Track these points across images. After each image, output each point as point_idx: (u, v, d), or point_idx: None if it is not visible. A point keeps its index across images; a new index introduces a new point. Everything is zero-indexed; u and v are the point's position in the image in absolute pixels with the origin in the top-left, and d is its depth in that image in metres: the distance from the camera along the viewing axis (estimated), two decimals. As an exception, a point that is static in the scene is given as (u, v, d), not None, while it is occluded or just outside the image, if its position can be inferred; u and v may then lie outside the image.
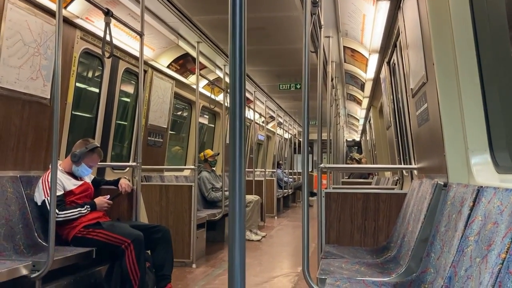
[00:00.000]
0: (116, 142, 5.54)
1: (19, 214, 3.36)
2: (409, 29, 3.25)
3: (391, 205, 3.53)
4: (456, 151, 2.38)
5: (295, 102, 10.91)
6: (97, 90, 4.98)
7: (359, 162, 10.05)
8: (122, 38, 4.73)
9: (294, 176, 14.94)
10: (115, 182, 4.02)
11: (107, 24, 3.54)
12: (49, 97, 3.77)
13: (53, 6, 3.55)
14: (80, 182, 3.74)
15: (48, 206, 3.33)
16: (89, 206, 3.62)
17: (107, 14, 3.55)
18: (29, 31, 3.49)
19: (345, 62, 6.47)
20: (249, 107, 9.70)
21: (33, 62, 3.57)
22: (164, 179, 6.35)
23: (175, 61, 5.97)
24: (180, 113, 8.04)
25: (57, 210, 3.26)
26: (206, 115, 8.99)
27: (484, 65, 2.23)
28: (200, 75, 5.79)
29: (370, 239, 3.52)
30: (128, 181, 4.07)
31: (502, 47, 2.17)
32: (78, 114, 4.96)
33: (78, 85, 4.52)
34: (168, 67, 5.95)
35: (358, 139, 18.39)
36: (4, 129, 3.40)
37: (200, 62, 5.68)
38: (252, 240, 7.10)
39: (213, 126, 9.17)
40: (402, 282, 2.39)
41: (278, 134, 14.75)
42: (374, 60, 5.44)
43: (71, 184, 3.67)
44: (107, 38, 3.54)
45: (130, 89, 5.86)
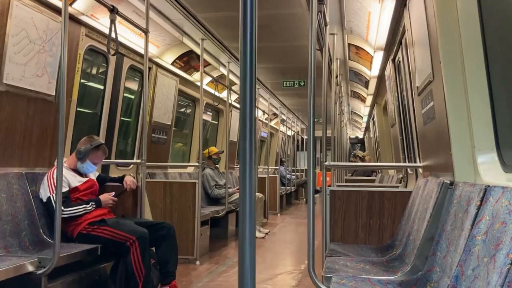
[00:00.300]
0: (120, 138, 5.55)
1: (25, 211, 3.37)
2: (415, 26, 3.23)
3: (396, 203, 3.53)
4: (462, 150, 2.37)
5: (299, 99, 10.90)
6: (101, 87, 4.99)
7: (363, 160, 10.05)
8: (127, 35, 4.74)
9: (297, 173, 14.94)
10: (120, 179, 4.03)
11: (112, 21, 3.54)
12: (54, 94, 3.78)
13: (58, 3, 3.55)
14: (85, 179, 3.75)
15: (53, 203, 3.34)
16: (94, 203, 3.62)
17: (112, 11, 3.55)
18: (34, 28, 3.49)
19: (349, 59, 6.46)
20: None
21: (38, 59, 3.58)
22: (168, 176, 6.36)
23: (180, 58, 5.97)
24: (183, 110, 8.04)
25: (62, 207, 3.27)
26: (209, 112, 8.99)
27: (491, 63, 2.22)
28: (204, 72, 5.79)
29: (375, 237, 3.51)
30: (133, 178, 4.08)
31: (510, 45, 2.15)
32: (83, 110, 4.97)
33: (82, 81, 4.53)
34: (172, 64, 5.95)
35: (361, 137, 18.37)
36: (9, 126, 3.41)
37: (204, 59, 5.68)
38: (255, 237, 7.10)
39: (216, 122, 9.17)
40: (407, 281, 2.39)
41: (281, 131, 14.75)
42: (378, 57, 5.43)
43: (76, 180, 3.68)
44: (112, 35, 3.53)
45: (134, 86, 5.86)
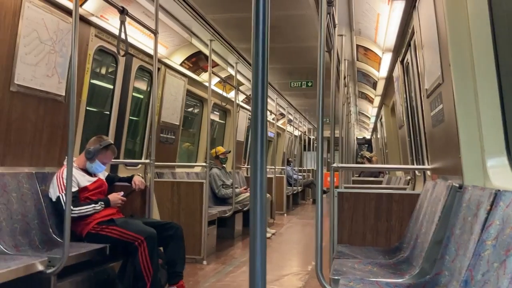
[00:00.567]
0: (129, 138, 5.58)
1: (35, 210, 3.40)
2: (424, 29, 3.22)
3: (404, 205, 3.52)
4: (472, 153, 2.36)
5: (306, 99, 10.89)
6: (110, 87, 5.02)
7: (370, 161, 10.02)
8: (136, 36, 4.76)
9: (304, 173, 14.92)
10: (129, 179, 4.06)
11: (122, 22, 3.56)
12: (64, 94, 3.81)
13: (69, 4, 3.58)
14: (94, 179, 3.78)
15: (62, 202, 3.38)
16: (103, 203, 3.65)
17: (122, 12, 3.57)
18: (45, 29, 3.52)
19: (357, 60, 6.45)
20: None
21: (48, 59, 3.61)
22: (175, 176, 6.38)
23: (188, 58, 6.00)
24: (191, 109, 8.06)
25: (71, 206, 3.30)
26: (216, 112, 9.01)
27: (502, 66, 2.20)
28: (212, 73, 5.81)
29: (383, 240, 3.51)
30: (141, 178, 4.10)
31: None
32: (92, 110, 5.00)
33: (92, 81, 4.56)
34: (181, 65, 5.97)
35: (368, 137, 18.32)
36: (20, 126, 3.44)
37: (212, 60, 5.70)
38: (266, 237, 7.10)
39: (223, 122, 9.19)
40: (415, 284, 2.39)
41: (288, 131, 14.74)
42: (387, 59, 5.41)
43: (85, 180, 3.71)
44: (122, 36, 3.56)
45: (143, 86, 5.89)
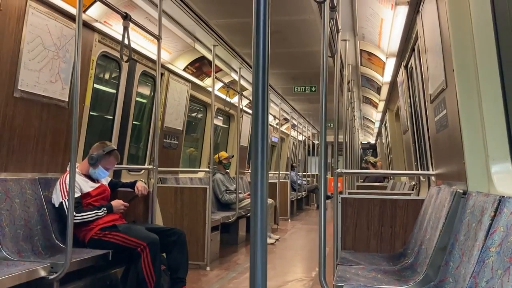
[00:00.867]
0: (132, 143, 5.59)
1: (38, 216, 3.40)
2: (428, 33, 3.21)
3: (408, 211, 3.49)
4: (476, 159, 2.34)
5: (310, 104, 10.88)
6: (114, 91, 5.03)
7: (374, 166, 9.99)
8: (140, 42, 4.77)
9: (308, 178, 14.89)
10: (132, 185, 4.06)
11: (125, 28, 3.57)
12: (67, 99, 3.82)
13: (72, 10, 3.59)
14: (97, 185, 3.78)
15: (65, 208, 3.38)
16: (105, 209, 3.65)
17: (126, 18, 3.58)
18: (49, 35, 3.54)
19: (361, 65, 6.44)
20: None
21: (52, 65, 3.62)
22: (179, 181, 6.38)
23: (191, 64, 6.01)
24: (195, 114, 8.07)
25: (74, 212, 3.30)
26: (220, 117, 9.02)
27: (506, 71, 2.19)
28: (215, 78, 5.81)
29: (387, 246, 3.48)
30: (144, 184, 4.10)
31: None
32: (95, 115, 5.01)
33: (95, 86, 4.57)
34: (184, 70, 5.98)
35: (373, 142, 18.27)
36: (23, 131, 3.45)
37: (215, 65, 5.70)
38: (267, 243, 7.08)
39: (226, 126, 9.19)
40: (419, 291, 2.37)
41: (292, 136, 14.73)
42: (391, 63, 5.40)
43: (88, 186, 3.71)
44: (125, 41, 3.57)
45: (146, 91, 5.91)
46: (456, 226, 2.37)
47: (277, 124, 11.32)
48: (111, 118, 5.01)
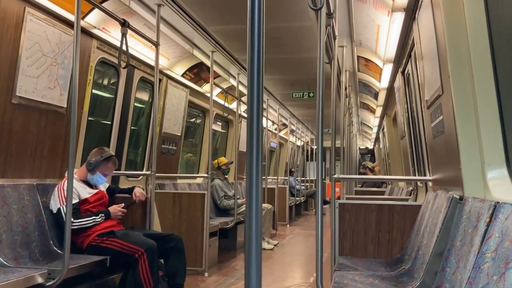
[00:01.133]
0: (130, 149, 5.59)
1: (35, 222, 3.40)
2: (424, 40, 3.23)
3: (405, 217, 3.50)
4: (472, 165, 2.35)
5: (308, 110, 10.91)
6: (112, 96, 5.04)
7: (372, 171, 9.99)
8: (138, 48, 4.79)
9: (307, 183, 14.89)
10: (130, 191, 4.06)
11: (124, 34, 3.59)
12: (65, 106, 3.83)
13: (71, 17, 3.61)
14: (95, 191, 3.78)
15: (63, 214, 3.38)
16: (103, 215, 3.65)
17: (124, 24, 3.60)
18: (47, 42, 3.55)
19: (358, 71, 6.46)
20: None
21: (50, 71, 3.63)
22: (177, 187, 6.38)
23: (190, 70, 6.03)
24: (193, 120, 8.09)
25: (72, 218, 3.30)
26: (219, 122, 9.04)
27: (501, 77, 2.21)
28: (214, 84, 5.83)
29: (384, 251, 3.49)
30: (142, 189, 4.10)
31: (519, 60, 2.14)
32: (94, 120, 5.02)
33: (94, 92, 4.58)
34: (182, 76, 6.00)
35: (371, 147, 18.30)
36: (22, 137, 3.46)
37: (214, 71, 5.72)
38: (264, 248, 7.08)
39: (225, 132, 9.21)
40: (417, 297, 2.37)
41: (290, 141, 14.74)
42: (388, 69, 5.43)
43: (86, 192, 3.71)
44: (124, 48, 3.58)
45: (145, 97, 5.92)
46: (452, 231, 2.38)
47: (275, 129, 11.34)
48: (110, 124, 5.02)
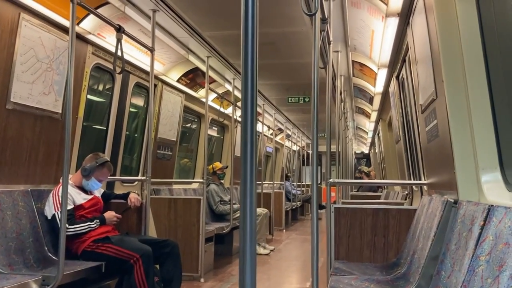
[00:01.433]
0: (125, 154, 5.58)
1: (30, 228, 3.38)
2: (418, 45, 3.26)
3: (401, 221, 3.51)
4: (466, 169, 2.36)
5: (304, 114, 10.93)
6: (108, 103, 5.03)
7: (368, 175, 10.02)
8: (133, 53, 4.79)
9: (303, 188, 14.89)
10: (125, 196, 4.05)
11: (119, 40, 3.60)
12: (60, 111, 3.82)
13: (66, 23, 3.61)
14: (90, 196, 3.77)
15: (58, 220, 3.36)
16: (98, 221, 3.64)
17: (119, 30, 3.61)
18: (42, 47, 3.55)
19: (353, 76, 6.49)
20: (258, 120, 9.73)
21: (45, 77, 3.63)
22: (172, 192, 6.36)
23: (185, 75, 6.03)
24: (189, 125, 8.08)
25: (67, 224, 3.28)
26: (214, 127, 9.04)
27: (494, 82, 2.22)
28: (209, 89, 5.84)
29: (380, 255, 3.49)
30: (137, 195, 4.09)
31: (512, 64, 2.16)
32: (89, 126, 5.01)
33: (89, 97, 4.57)
34: (178, 81, 6.00)
35: (367, 152, 18.33)
36: (16, 143, 3.44)
37: (209, 76, 5.73)
38: (260, 254, 7.06)
39: (221, 137, 9.21)
40: (412, 301, 2.37)
41: (286, 146, 14.76)
42: (383, 74, 5.45)
43: (81, 198, 3.70)
44: (119, 53, 3.59)
45: (140, 102, 5.91)
46: (447, 235, 2.39)
47: (271, 134, 11.34)
48: (105, 129, 5.01)
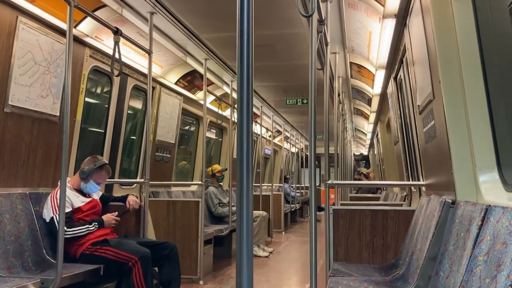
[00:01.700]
0: (124, 157, 5.57)
1: (28, 231, 3.38)
2: (415, 46, 3.26)
3: (399, 222, 3.51)
4: (463, 169, 2.37)
5: (302, 116, 10.93)
6: (105, 105, 5.03)
7: (367, 177, 10.02)
8: (131, 56, 4.80)
9: (302, 190, 14.89)
10: (123, 199, 4.04)
11: (116, 42, 3.60)
12: (58, 114, 3.82)
13: (63, 26, 3.61)
14: (88, 199, 3.76)
15: (56, 223, 3.36)
16: (97, 223, 3.63)
17: (116, 33, 3.61)
18: (40, 50, 3.55)
19: (351, 77, 6.50)
20: (256, 122, 9.73)
21: (43, 80, 3.63)
22: (171, 194, 6.36)
23: (183, 77, 6.04)
24: (187, 127, 8.08)
25: (65, 227, 3.28)
26: (213, 130, 9.04)
27: (490, 82, 2.23)
28: (207, 91, 5.84)
29: (379, 257, 3.49)
30: (136, 197, 4.09)
31: (508, 64, 2.17)
32: (87, 129, 5.01)
33: (87, 100, 4.57)
34: (176, 84, 6.01)
35: (366, 153, 18.34)
36: (14, 146, 3.44)
37: (207, 78, 5.73)
38: (259, 256, 7.06)
39: (219, 139, 9.21)
40: (411, 301, 2.37)
41: (285, 148, 14.76)
42: (380, 75, 5.46)
43: (79, 201, 3.69)
44: (116, 56, 3.59)
45: (138, 105, 5.91)
46: (445, 235, 2.39)
47: (269, 136, 11.35)
48: (103, 132, 5.01)
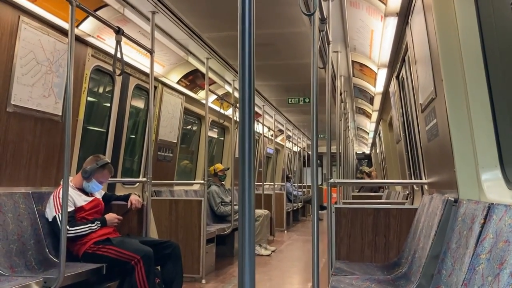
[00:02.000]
0: (126, 156, 5.58)
1: (31, 230, 3.39)
2: (417, 44, 3.26)
3: (402, 220, 3.51)
4: (466, 167, 2.36)
5: (304, 115, 10.93)
6: (108, 105, 5.04)
7: (369, 175, 10.02)
8: (133, 55, 4.80)
9: (304, 189, 14.89)
10: (125, 198, 4.05)
11: (118, 42, 3.60)
12: (60, 114, 3.82)
13: (65, 25, 3.62)
14: (90, 198, 3.77)
15: (58, 222, 3.36)
16: (99, 222, 3.64)
17: (118, 32, 3.61)
18: (42, 50, 3.56)
19: (353, 76, 6.49)
20: (258, 121, 9.73)
21: (45, 80, 3.63)
22: (174, 194, 6.37)
23: (185, 77, 6.04)
24: (189, 127, 8.09)
25: (67, 226, 3.29)
26: (215, 129, 9.04)
27: (493, 81, 2.23)
28: (209, 90, 5.84)
29: (381, 255, 3.49)
30: (138, 196, 4.09)
31: (511, 62, 2.16)
32: (89, 128, 5.02)
33: (89, 99, 4.58)
34: (178, 83, 6.01)
35: (368, 152, 18.32)
36: (17, 146, 3.45)
37: (209, 78, 5.74)
38: (261, 255, 7.06)
39: (221, 138, 9.22)
40: (413, 300, 2.37)
41: (287, 147, 14.75)
42: (382, 74, 5.45)
43: (82, 200, 3.70)
44: (118, 55, 3.59)
45: (140, 104, 5.92)
46: (448, 234, 2.39)
47: (272, 135, 11.34)
48: (105, 131, 5.02)
